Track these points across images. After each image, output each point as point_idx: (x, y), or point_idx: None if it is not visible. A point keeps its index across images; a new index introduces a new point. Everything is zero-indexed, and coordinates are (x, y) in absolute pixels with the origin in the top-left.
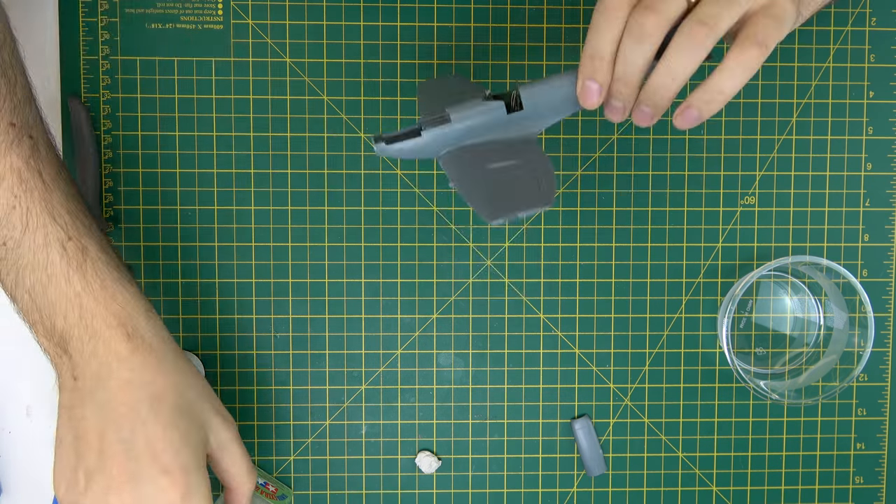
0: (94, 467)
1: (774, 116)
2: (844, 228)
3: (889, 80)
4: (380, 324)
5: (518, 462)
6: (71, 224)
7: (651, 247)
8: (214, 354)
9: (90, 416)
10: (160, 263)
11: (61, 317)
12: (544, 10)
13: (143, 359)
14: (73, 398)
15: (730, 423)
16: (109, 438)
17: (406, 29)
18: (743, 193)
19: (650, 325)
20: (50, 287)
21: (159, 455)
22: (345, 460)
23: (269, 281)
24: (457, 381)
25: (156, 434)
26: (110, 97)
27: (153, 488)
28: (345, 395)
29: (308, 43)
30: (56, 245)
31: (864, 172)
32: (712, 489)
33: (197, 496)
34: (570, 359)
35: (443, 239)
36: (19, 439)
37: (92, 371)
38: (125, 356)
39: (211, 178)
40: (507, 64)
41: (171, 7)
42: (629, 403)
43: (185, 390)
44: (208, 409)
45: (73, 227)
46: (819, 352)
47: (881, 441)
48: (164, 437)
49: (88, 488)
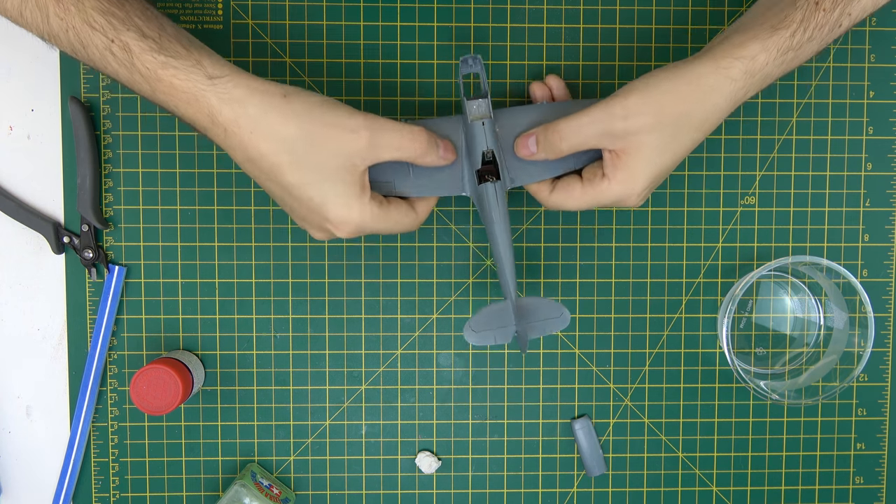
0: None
1: (774, 116)
2: (844, 228)
3: (889, 80)
4: (380, 324)
5: (518, 462)
6: (107, 25)
7: (651, 247)
8: (214, 354)
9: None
10: (160, 263)
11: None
12: (544, 10)
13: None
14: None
15: (730, 423)
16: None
17: (406, 29)
18: (743, 193)
19: (650, 325)
20: (144, 89)
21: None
22: (345, 460)
23: (269, 281)
24: (457, 381)
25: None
26: (110, 97)
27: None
28: (345, 395)
29: (308, 43)
30: (109, 55)
31: (864, 172)
32: (712, 489)
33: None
34: (570, 359)
35: (443, 239)
36: (19, 439)
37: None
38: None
39: (211, 178)
40: (507, 64)
41: (171, 7)
42: (629, 403)
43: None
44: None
45: (110, 27)
46: (819, 352)
47: (881, 441)
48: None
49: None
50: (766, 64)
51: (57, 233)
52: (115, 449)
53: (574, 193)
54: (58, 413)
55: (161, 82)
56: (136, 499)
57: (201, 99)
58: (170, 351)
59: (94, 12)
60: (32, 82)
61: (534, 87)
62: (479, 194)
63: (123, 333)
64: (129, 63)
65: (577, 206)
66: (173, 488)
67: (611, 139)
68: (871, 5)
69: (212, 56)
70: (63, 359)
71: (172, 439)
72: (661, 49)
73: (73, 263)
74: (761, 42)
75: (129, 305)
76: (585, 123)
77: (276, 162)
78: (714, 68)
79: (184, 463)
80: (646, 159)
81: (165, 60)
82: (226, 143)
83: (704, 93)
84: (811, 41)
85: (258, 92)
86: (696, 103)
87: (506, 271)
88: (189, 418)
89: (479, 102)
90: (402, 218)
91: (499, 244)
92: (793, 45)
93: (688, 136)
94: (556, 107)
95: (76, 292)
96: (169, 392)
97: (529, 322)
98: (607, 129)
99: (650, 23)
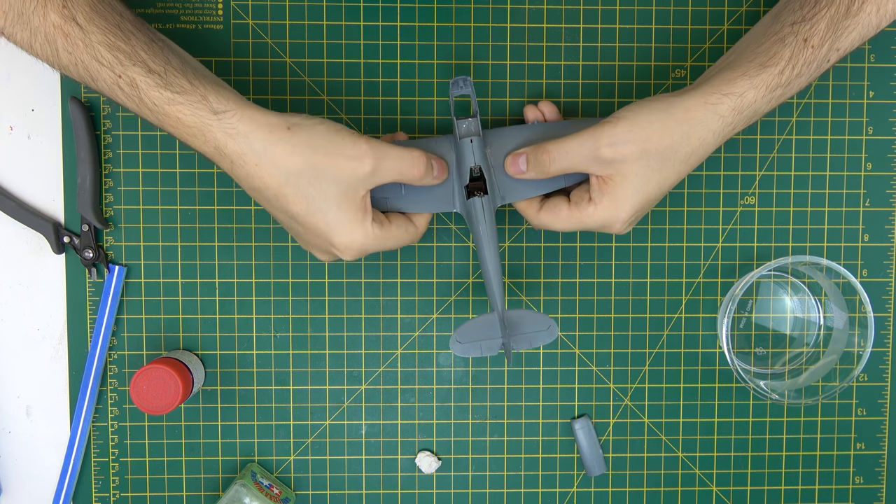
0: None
1: (774, 116)
2: (844, 228)
3: (889, 80)
4: (380, 324)
5: (518, 462)
6: (114, 61)
7: (651, 247)
8: (214, 354)
9: (261, 200)
10: (160, 263)
11: (186, 141)
12: (544, 10)
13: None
14: (243, 178)
15: (730, 423)
16: (281, 218)
17: (406, 29)
18: (743, 193)
19: (650, 325)
20: (153, 121)
21: (318, 236)
22: (345, 460)
23: (269, 281)
24: (457, 381)
25: (301, 223)
26: None
27: (330, 254)
28: (345, 395)
29: (308, 43)
30: (117, 89)
31: (864, 172)
32: (712, 489)
33: (366, 249)
34: (570, 359)
35: (443, 239)
36: (19, 439)
37: (247, 169)
38: (227, 167)
39: (211, 178)
40: (507, 64)
41: (171, 7)
42: (629, 403)
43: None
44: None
45: (117, 63)
46: (819, 352)
47: (881, 441)
48: (306, 221)
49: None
50: (754, 101)
51: (57, 233)
52: (115, 449)
53: (561, 215)
54: (58, 413)
55: (168, 117)
56: (136, 499)
57: (207, 133)
58: (170, 351)
59: (101, 47)
60: (32, 82)
61: (527, 109)
62: (468, 209)
63: (123, 333)
64: (136, 98)
65: (563, 227)
66: (173, 488)
67: (598, 165)
68: (858, 39)
69: (217, 89)
70: (63, 359)
71: (172, 439)
72: (660, 49)
73: (73, 263)
74: (750, 79)
75: (129, 305)
76: (574, 147)
77: (281, 193)
78: (703, 103)
79: (184, 463)
80: (632, 187)
81: (171, 97)
82: (233, 172)
83: (692, 127)
84: (800, 77)
85: (263, 126)
86: (683, 137)
87: (493, 283)
88: (189, 418)
89: (468, 121)
90: (402, 234)
91: (486, 258)
92: (781, 82)
93: (673, 170)
94: (546, 127)
95: (76, 292)
96: (169, 392)
97: (515, 334)
98: (594, 154)
99: (650, 23)
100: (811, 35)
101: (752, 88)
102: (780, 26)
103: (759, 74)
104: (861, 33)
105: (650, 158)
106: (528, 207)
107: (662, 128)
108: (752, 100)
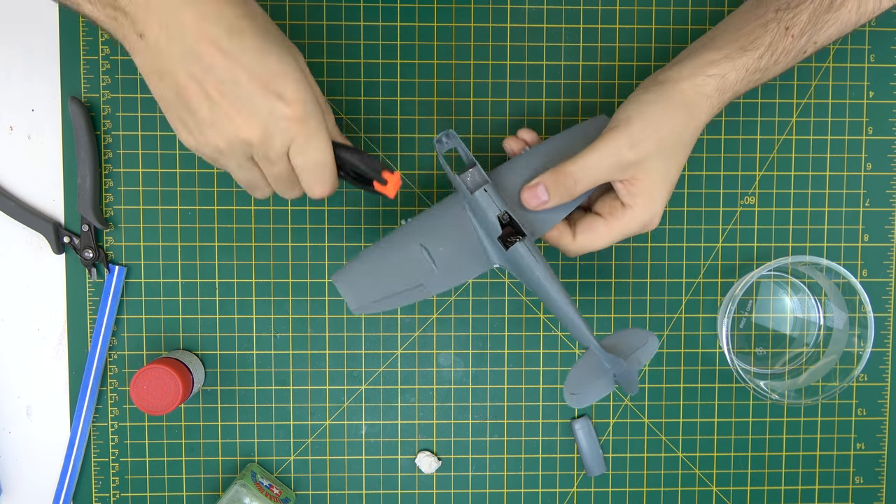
0: (206, 116)
1: (774, 116)
2: (844, 228)
3: (889, 80)
4: (380, 324)
5: (518, 462)
6: None
7: (651, 247)
8: (214, 354)
9: (177, 67)
10: (160, 263)
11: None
12: (544, 10)
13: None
14: (151, 57)
15: (730, 423)
16: (209, 82)
17: (406, 29)
18: (743, 193)
19: (650, 325)
20: None
21: (268, 83)
22: (345, 460)
23: (269, 281)
24: (457, 381)
25: (252, 64)
26: (110, 97)
27: (271, 116)
28: (345, 395)
29: (308, 43)
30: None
31: (864, 172)
32: (712, 489)
33: (313, 117)
34: (570, 359)
35: None
36: (19, 439)
37: (156, 20)
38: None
39: (211, 178)
40: (506, 64)
41: None
42: (629, 403)
43: (257, 15)
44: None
45: None
46: (819, 352)
47: (881, 441)
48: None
49: (211, 133)
50: (735, 83)
51: (57, 233)
52: (115, 449)
53: (600, 231)
54: (58, 413)
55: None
56: (136, 499)
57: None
58: (170, 351)
59: None
60: (32, 82)
61: (508, 142)
62: (513, 258)
63: (123, 333)
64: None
65: (605, 243)
66: (173, 488)
67: (621, 170)
68: (836, 33)
69: None
70: (63, 359)
71: (172, 439)
72: (660, 49)
73: (73, 263)
74: (732, 62)
75: (129, 305)
76: (596, 160)
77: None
78: (692, 85)
79: (184, 463)
80: (659, 180)
81: None
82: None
83: (690, 111)
84: (777, 65)
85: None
86: (686, 122)
87: (576, 322)
88: (189, 418)
89: (470, 173)
90: None
91: (554, 298)
92: (759, 66)
93: (682, 153)
94: (546, 148)
95: (76, 292)
96: (169, 392)
97: (623, 359)
98: (618, 162)
99: (650, 23)
100: (793, 24)
101: (734, 70)
102: (764, 10)
103: (740, 57)
104: (840, 29)
105: (666, 149)
106: (561, 237)
107: (668, 117)
108: (734, 81)
